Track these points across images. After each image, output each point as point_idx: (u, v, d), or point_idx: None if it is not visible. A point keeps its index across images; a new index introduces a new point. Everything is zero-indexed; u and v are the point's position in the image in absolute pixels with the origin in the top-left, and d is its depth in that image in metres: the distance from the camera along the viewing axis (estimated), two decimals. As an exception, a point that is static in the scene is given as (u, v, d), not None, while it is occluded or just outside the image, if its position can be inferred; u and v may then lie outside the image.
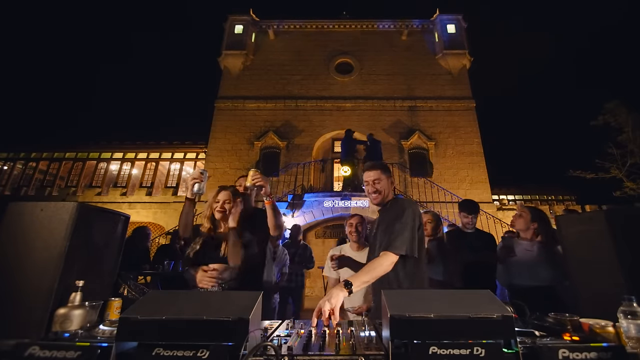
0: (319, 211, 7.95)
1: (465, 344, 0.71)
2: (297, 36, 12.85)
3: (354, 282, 1.18)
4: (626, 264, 1.08)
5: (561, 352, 0.76)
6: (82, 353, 0.77)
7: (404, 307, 0.77)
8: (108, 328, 0.98)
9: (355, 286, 1.18)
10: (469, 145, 10.88)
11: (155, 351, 0.74)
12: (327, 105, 11.51)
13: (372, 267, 1.30)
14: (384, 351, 0.79)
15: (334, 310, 1.06)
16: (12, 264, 1.10)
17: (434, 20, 12.62)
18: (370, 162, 1.66)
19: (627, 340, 0.83)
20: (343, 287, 1.16)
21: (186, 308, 0.81)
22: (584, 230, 1.25)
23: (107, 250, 1.35)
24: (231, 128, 11.32)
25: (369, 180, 1.55)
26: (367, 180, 1.56)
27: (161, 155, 11.86)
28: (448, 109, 11.41)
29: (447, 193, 8.59)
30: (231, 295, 1.04)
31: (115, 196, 10.69)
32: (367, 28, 12.89)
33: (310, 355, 0.78)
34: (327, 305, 1.06)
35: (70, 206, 1.17)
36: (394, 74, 12.00)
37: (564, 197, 16.07)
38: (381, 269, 1.29)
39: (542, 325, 1.04)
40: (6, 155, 11.87)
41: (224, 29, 12.60)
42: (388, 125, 11.21)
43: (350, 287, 1.16)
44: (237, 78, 12.09)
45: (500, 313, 0.74)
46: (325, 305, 1.06)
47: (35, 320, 1.02)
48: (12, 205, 1.18)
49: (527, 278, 2.01)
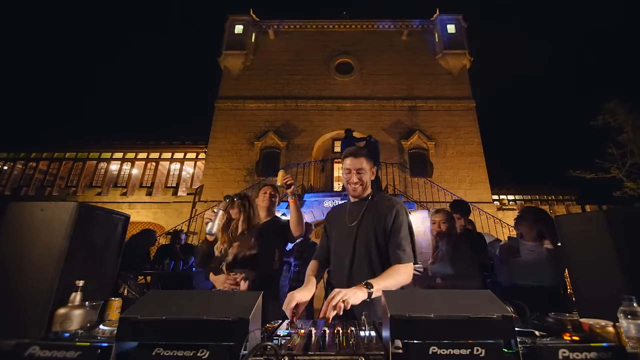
0: (319, 211, 7.95)
1: (465, 344, 0.71)
2: (297, 36, 12.85)
3: (375, 285, 1.12)
4: (626, 264, 1.08)
5: (561, 352, 0.76)
6: (82, 353, 0.77)
7: (404, 307, 0.77)
8: (108, 328, 0.98)
9: (376, 289, 1.11)
10: (469, 145, 10.88)
11: (155, 351, 0.74)
12: (327, 105, 11.51)
13: (395, 273, 1.23)
14: (384, 351, 0.78)
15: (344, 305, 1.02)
16: (12, 264, 1.10)
17: (434, 20, 12.63)
18: (353, 147, 1.47)
19: (627, 340, 0.83)
20: (363, 287, 1.10)
21: (186, 308, 0.81)
22: (584, 230, 1.25)
23: (107, 250, 1.35)
24: (231, 128, 11.32)
25: (351, 169, 1.39)
26: (349, 169, 1.40)
27: (161, 155, 11.86)
28: (448, 109, 11.41)
29: (447, 193, 8.58)
30: (231, 295, 1.04)
31: (115, 196, 10.69)
32: (367, 28, 12.89)
33: (310, 355, 0.78)
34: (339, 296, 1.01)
35: (70, 206, 1.17)
36: (394, 74, 12.00)
37: (564, 197, 16.07)
38: (404, 277, 1.24)
39: (542, 325, 1.04)
40: (6, 155, 11.87)
41: (224, 29, 12.61)
42: (388, 125, 11.21)
43: (371, 289, 1.11)
44: (237, 78, 12.09)
45: (500, 313, 0.74)
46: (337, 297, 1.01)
47: (35, 320, 1.02)
48: (12, 205, 1.18)
49: (532, 279, 2.01)
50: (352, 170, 1.40)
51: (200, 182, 11.10)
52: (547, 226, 2.10)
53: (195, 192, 10.72)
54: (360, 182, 1.40)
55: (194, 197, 10.59)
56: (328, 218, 1.59)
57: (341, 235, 1.43)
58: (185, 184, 12.01)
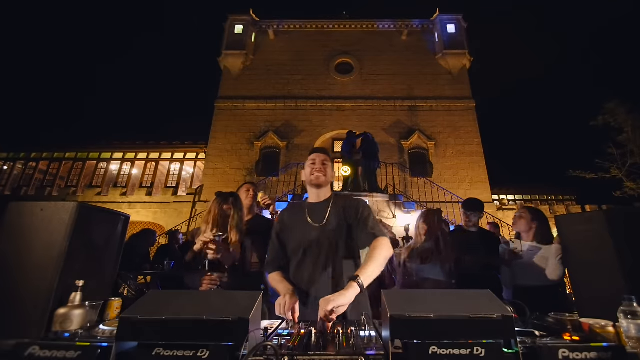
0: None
1: (465, 344, 0.71)
2: (297, 36, 12.85)
3: (362, 275, 1.11)
4: (626, 264, 1.08)
5: (561, 352, 0.76)
6: (82, 353, 0.77)
7: (404, 307, 0.77)
8: (108, 328, 0.98)
9: (365, 279, 1.11)
10: (469, 145, 10.89)
11: (155, 351, 0.74)
12: (327, 105, 11.52)
13: (375, 251, 1.22)
14: (384, 351, 0.78)
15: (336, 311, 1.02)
16: (12, 264, 1.09)
17: (434, 20, 12.63)
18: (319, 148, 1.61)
19: (627, 340, 0.83)
20: (352, 283, 1.09)
21: (186, 308, 0.81)
22: (584, 230, 1.25)
23: (107, 250, 1.35)
24: (231, 128, 11.32)
25: (316, 159, 1.46)
26: (314, 159, 1.46)
27: (161, 155, 11.86)
28: (448, 109, 11.42)
29: (447, 193, 8.58)
30: (231, 295, 1.04)
31: (115, 196, 10.69)
32: (367, 28, 12.90)
33: (310, 355, 0.78)
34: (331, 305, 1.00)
35: (70, 206, 1.17)
36: (394, 74, 12.01)
37: (564, 197, 16.07)
38: (386, 250, 1.23)
39: (542, 325, 1.04)
40: (6, 155, 11.87)
41: (224, 29, 12.61)
42: (388, 125, 11.22)
43: (360, 280, 1.10)
44: (237, 78, 12.10)
45: (500, 313, 0.74)
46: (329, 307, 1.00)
47: (35, 320, 1.02)
48: (12, 205, 1.18)
49: (532, 278, 2.01)
50: (316, 161, 1.46)
51: (200, 182, 11.11)
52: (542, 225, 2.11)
53: (195, 192, 10.73)
54: (323, 171, 1.44)
55: (194, 197, 10.60)
56: (280, 227, 1.51)
57: (307, 237, 1.40)
58: (185, 184, 12.01)
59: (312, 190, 1.49)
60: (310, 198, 1.51)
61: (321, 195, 1.48)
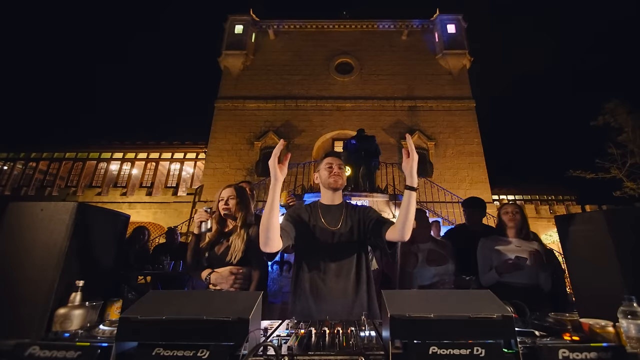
0: (319, 211, 7.95)
1: (465, 344, 0.71)
2: (297, 36, 12.85)
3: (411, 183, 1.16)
4: (626, 264, 1.08)
5: (561, 352, 0.76)
6: (82, 353, 0.77)
7: (404, 307, 0.77)
8: (108, 328, 0.98)
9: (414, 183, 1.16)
10: (469, 145, 10.89)
11: (155, 351, 0.74)
12: (327, 105, 11.51)
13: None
14: (384, 351, 0.79)
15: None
16: (12, 264, 1.09)
17: (434, 20, 12.63)
18: (334, 152, 1.69)
19: (627, 340, 0.83)
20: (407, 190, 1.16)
21: (186, 308, 0.81)
22: (584, 230, 1.25)
23: (107, 250, 1.35)
24: (231, 128, 11.32)
25: (332, 163, 1.50)
26: (331, 163, 1.51)
27: (161, 155, 11.86)
28: (448, 109, 11.41)
29: (447, 193, 8.58)
30: (231, 295, 1.04)
31: (115, 196, 10.69)
32: (367, 28, 12.89)
33: (310, 355, 0.78)
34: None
35: (70, 206, 1.17)
36: (394, 74, 12.01)
37: (564, 197, 16.07)
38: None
39: (542, 325, 1.04)
40: (6, 155, 11.87)
41: (224, 29, 12.61)
42: (388, 125, 11.21)
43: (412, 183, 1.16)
44: (237, 78, 12.09)
45: (500, 313, 0.74)
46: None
47: (35, 320, 1.01)
48: (12, 205, 1.18)
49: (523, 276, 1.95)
50: (333, 165, 1.51)
51: (200, 182, 11.10)
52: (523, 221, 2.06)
53: (195, 192, 10.73)
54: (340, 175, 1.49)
55: (194, 197, 10.60)
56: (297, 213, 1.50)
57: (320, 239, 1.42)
58: (185, 184, 12.01)
59: (328, 193, 1.52)
60: (323, 200, 1.54)
61: (335, 199, 1.52)
